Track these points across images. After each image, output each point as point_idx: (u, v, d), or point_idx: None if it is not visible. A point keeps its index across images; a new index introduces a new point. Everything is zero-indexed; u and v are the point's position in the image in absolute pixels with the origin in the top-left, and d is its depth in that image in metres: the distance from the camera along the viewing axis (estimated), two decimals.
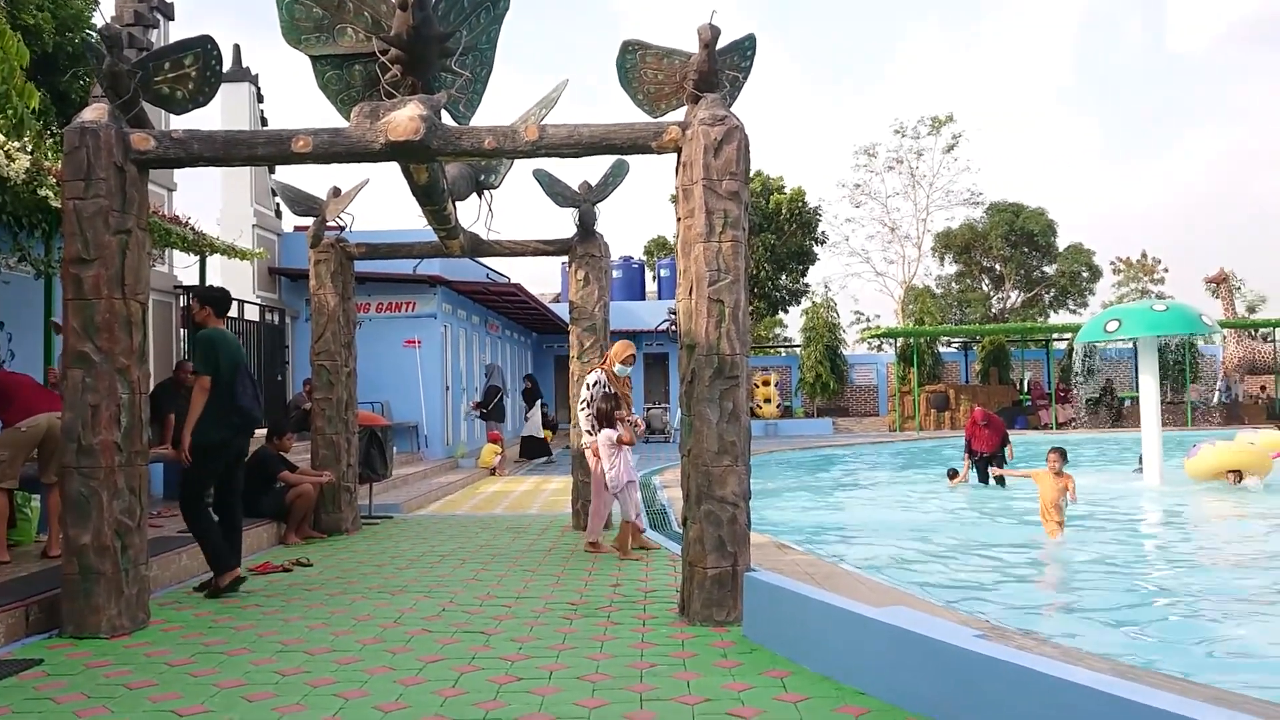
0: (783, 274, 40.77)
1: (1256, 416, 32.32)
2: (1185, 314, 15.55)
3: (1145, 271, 53.38)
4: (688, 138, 5.71)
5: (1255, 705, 4.23)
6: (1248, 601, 7.69)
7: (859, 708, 4.06)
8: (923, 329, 34.50)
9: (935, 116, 46.47)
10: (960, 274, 47.09)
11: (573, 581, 7.08)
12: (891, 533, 11.48)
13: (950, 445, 22.63)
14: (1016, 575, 8.91)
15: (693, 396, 5.70)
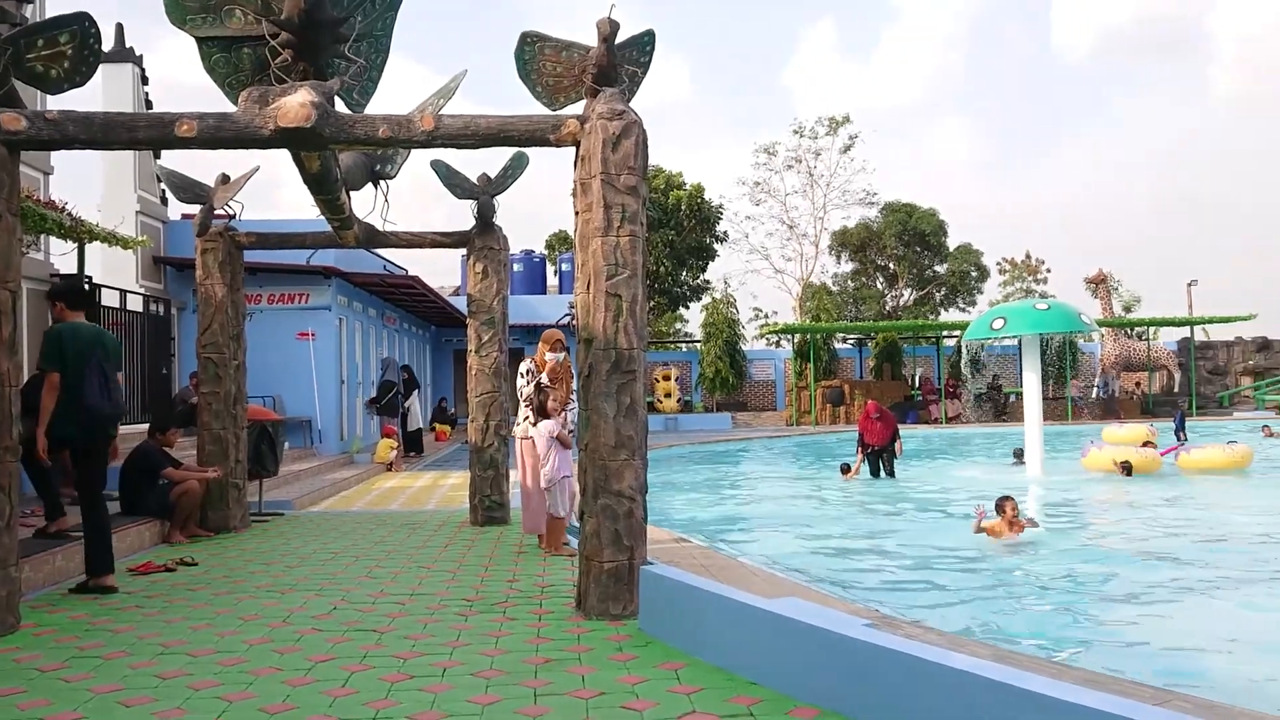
0: (683, 270, 41.06)
1: (1131, 411, 33.86)
2: (1066, 313, 16.19)
3: (1029, 272, 55.41)
4: (586, 131, 5.70)
5: (1123, 685, 4.43)
6: (1120, 587, 8.05)
7: (751, 698, 4.12)
8: (819, 325, 35.18)
9: (833, 118, 47.41)
10: (856, 272, 48.14)
11: (469, 578, 7.00)
12: (787, 525, 11.68)
13: (846, 439, 23.12)
14: (907, 566, 9.15)
15: (590, 391, 5.70)
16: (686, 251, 40.08)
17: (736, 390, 35.72)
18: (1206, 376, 39.29)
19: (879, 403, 17.48)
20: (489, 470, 9.83)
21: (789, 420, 34.15)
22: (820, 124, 47.44)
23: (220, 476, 9.37)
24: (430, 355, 31.64)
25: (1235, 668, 5.75)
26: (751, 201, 48.35)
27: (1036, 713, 3.30)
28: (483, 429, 9.90)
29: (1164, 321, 37.23)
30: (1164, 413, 32.35)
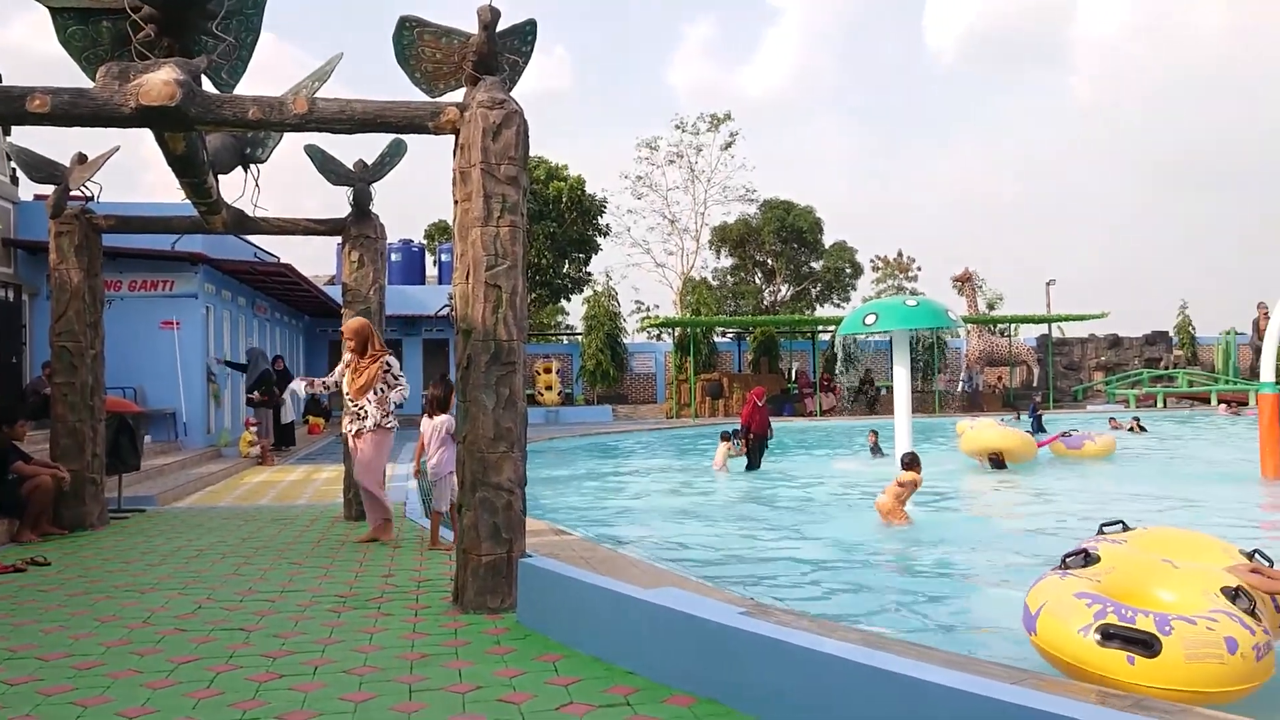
0: (565, 262, 40.97)
1: (994, 404, 35.40)
2: (934, 309, 16.82)
3: (901, 269, 57.25)
4: (466, 120, 5.62)
5: (982, 665, 4.64)
6: (986, 572, 8.42)
7: (628, 687, 4.15)
8: (699, 319, 35.63)
9: (714, 114, 47.99)
10: (735, 267, 48.87)
11: (342, 573, 6.84)
12: (667, 517, 11.81)
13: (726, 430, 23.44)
14: (783, 555, 9.35)
15: (469, 382, 5.64)
16: (568, 244, 40.01)
17: (617, 383, 35.92)
18: (1063, 371, 41.40)
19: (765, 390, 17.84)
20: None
21: (669, 413, 34.50)
22: (702, 120, 47.99)
23: (66, 478, 8.85)
24: (304, 346, 30.76)
25: None
26: (634, 195, 48.65)
27: (900, 693, 3.43)
28: None
29: (1024, 319, 39.03)
30: (1024, 406, 33.91)
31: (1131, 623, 4.68)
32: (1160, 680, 4.54)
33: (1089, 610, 4.82)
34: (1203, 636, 4.54)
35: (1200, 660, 4.48)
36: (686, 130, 47.91)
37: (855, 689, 3.56)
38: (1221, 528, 7.08)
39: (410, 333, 33.01)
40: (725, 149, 48.06)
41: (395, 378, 8.42)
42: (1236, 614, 4.69)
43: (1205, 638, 4.54)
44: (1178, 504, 12.35)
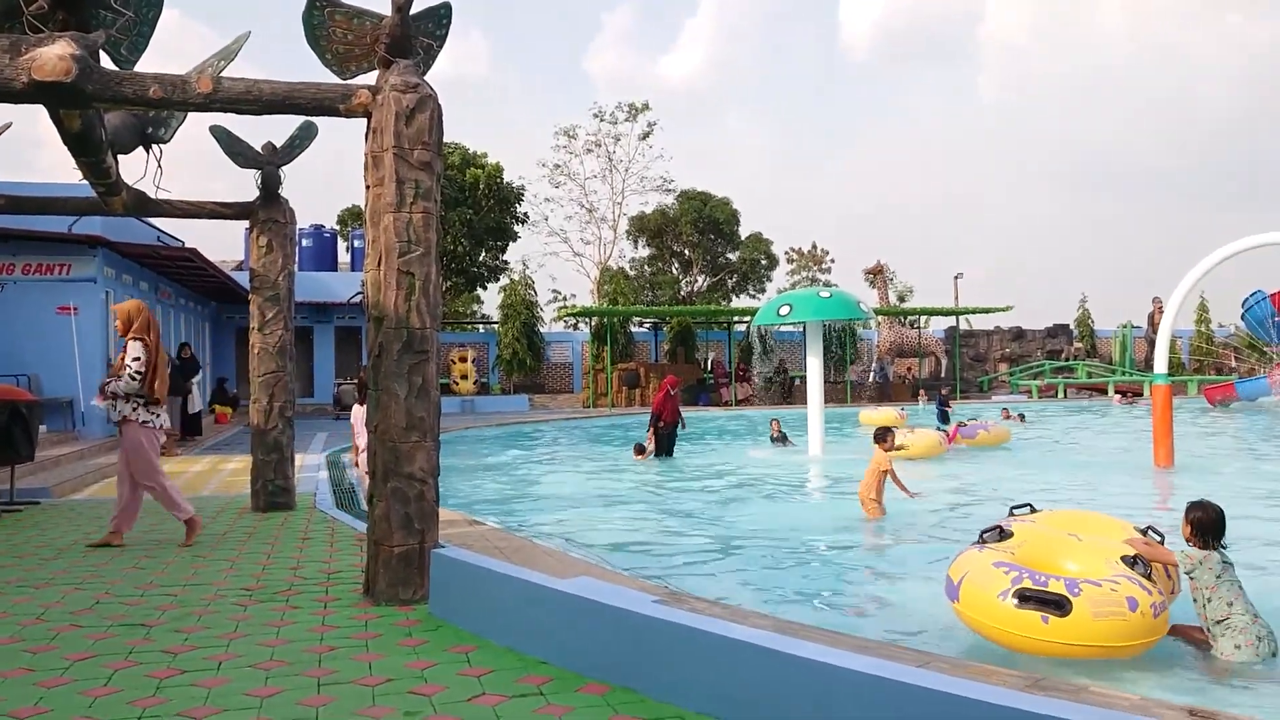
0: (481, 250, 40.57)
1: (903, 394, 36.21)
2: (846, 301, 17.11)
3: (815, 261, 58.10)
4: (378, 103, 5.52)
5: (890, 650, 4.74)
6: (896, 558, 8.60)
7: (541, 677, 4.14)
8: (616, 309, 35.66)
9: (632, 104, 48.01)
10: (652, 257, 48.99)
11: (249, 566, 6.68)
12: (583, 506, 11.80)
13: (643, 421, 23.54)
14: (698, 543, 9.42)
15: (380, 371, 5.54)
16: (485, 231, 39.61)
17: (534, 372, 35.75)
18: (969, 363, 42.53)
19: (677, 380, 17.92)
20: (272, 453, 9.40)
21: (586, 402, 34.48)
22: (620, 110, 47.96)
23: None
24: (210, 333, 29.91)
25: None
26: (551, 184, 48.37)
27: (809, 678, 3.49)
28: (266, 410, 9.46)
29: (933, 311, 39.97)
30: (932, 396, 34.75)
31: (1045, 586, 5.07)
32: (1071, 637, 4.95)
33: (1006, 577, 5.21)
34: (1108, 597, 4.98)
35: (1106, 618, 4.89)
36: (605, 119, 47.88)
37: (766, 675, 3.61)
38: (1118, 511, 7.43)
39: (322, 320, 32.36)
40: (643, 139, 48.17)
41: (128, 365, 7.33)
42: (1135, 578, 5.13)
43: (1110, 598, 4.97)
44: (1078, 490, 12.79)
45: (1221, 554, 5.37)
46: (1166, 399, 14.74)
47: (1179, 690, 4.84)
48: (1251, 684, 5.00)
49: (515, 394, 34.58)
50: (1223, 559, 5.37)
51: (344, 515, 9.01)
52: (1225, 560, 5.36)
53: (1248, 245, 14.26)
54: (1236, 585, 5.32)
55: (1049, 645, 5.02)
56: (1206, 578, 5.32)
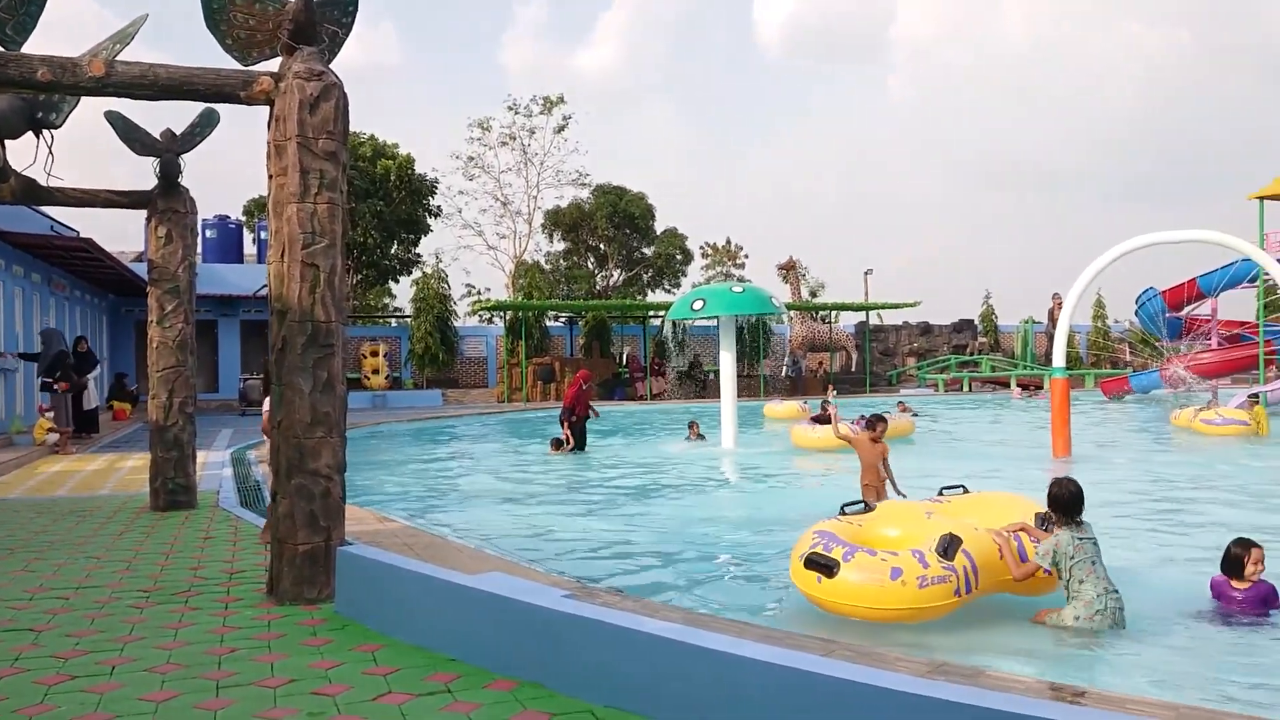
0: (393, 242, 39.93)
1: (815, 388, 36.79)
2: (759, 296, 17.30)
3: (729, 257, 58.60)
4: (281, 91, 5.38)
5: (797, 639, 4.82)
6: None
7: (449, 674, 4.10)
8: (531, 303, 35.46)
9: (547, 97, 47.72)
10: (568, 251, 48.81)
11: (146, 567, 6.47)
12: (497, 502, 11.71)
13: (557, 416, 23.48)
14: (612, 537, 9.42)
15: (284, 365, 5.41)
16: (396, 224, 38.99)
17: (448, 367, 35.35)
18: (879, 357, 43.43)
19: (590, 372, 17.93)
20: (173, 451, 9.12)
21: (500, 397, 34.23)
22: (535, 102, 47.65)
23: None
24: (108, 326, 28.88)
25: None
26: (465, 176, 47.80)
27: (717, 669, 3.52)
28: (165, 406, 9.16)
29: (844, 306, 40.69)
30: (843, 389, 35.43)
31: (829, 552, 5.76)
32: (832, 595, 5.68)
33: (809, 543, 5.93)
34: (874, 564, 5.62)
35: (864, 582, 5.57)
36: (519, 112, 47.51)
37: (675, 667, 3.63)
38: None
39: (227, 313, 31.49)
40: (558, 132, 47.92)
41: None
42: (926, 554, 5.64)
43: (875, 566, 5.61)
44: (979, 479, 13.14)
45: (1074, 531, 5.66)
46: (1064, 392, 15.26)
47: (1072, 671, 5.02)
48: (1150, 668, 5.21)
49: (428, 389, 34.15)
50: (1075, 537, 5.65)
51: (248, 513, 8.79)
52: (1079, 537, 5.65)
53: (1140, 244, 14.85)
54: (1089, 561, 5.62)
55: (824, 601, 5.73)
56: (1063, 559, 5.63)
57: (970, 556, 5.74)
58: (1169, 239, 14.79)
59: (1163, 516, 9.99)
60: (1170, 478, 12.93)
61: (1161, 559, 7.89)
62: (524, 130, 47.67)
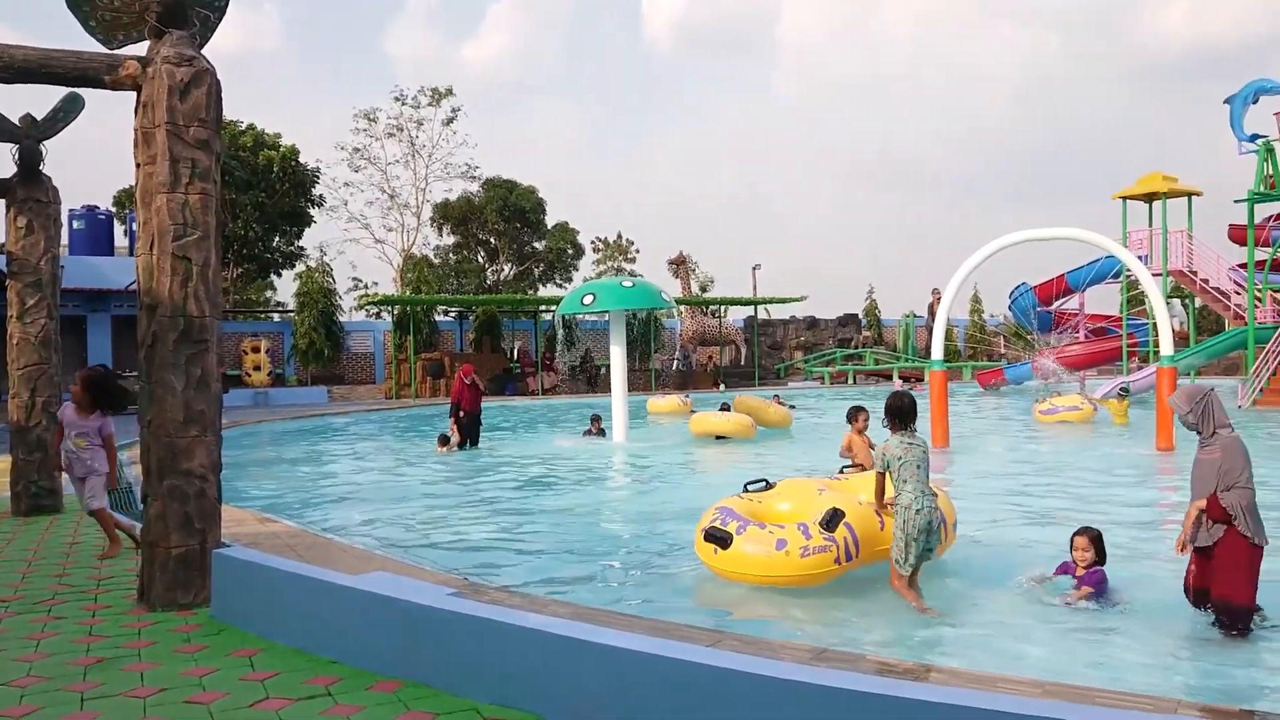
0: (275, 235, 38.77)
1: (705, 382, 37.22)
2: (649, 291, 17.39)
3: (620, 251, 58.77)
4: (149, 76, 5.16)
5: (684, 631, 4.86)
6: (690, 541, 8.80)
7: (331, 677, 4.00)
8: (420, 298, 34.90)
9: (436, 88, 47.02)
10: (458, 245, 48.19)
11: (6, 575, 6.14)
12: (385, 499, 11.50)
13: (446, 411, 23.17)
14: (503, 532, 9.34)
15: (154, 362, 5.20)
16: (279, 216, 37.86)
17: (333, 363, 34.52)
18: (767, 351, 44.18)
19: (475, 367, 17.75)
20: (35, 453, 8.67)
21: (388, 393, 33.61)
22: (423, 94, 46.88)
23: None
24: None
25: (775, 609, 6.52)
26: (351, 168, 46.72)
27: (603, 662, 3.53)
28: (27, 406, 8.70)
29: (733, 301, 41.23)
30: (732, 382, 35.94)
31: (725, 526, 6.42)
32: (727, 564, 6.37)
33: (710, 518, 6.58)
34: (762, 536, 6.30)
35: (753, 553, 6.23)
36: (407, 103, 46.69)
37: (560, 661, 3.62)
38: None
39: (97, 309, 30.07)
40: (447, 124, 47.31)
41: None
42: (810, 527, 6.25)
43: (763, 537, 6.29)
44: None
45: (904, 438, 6.19)
46: (943, 384, 15.79)
47: (954, 654, 5.20)
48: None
49: (313, 385, 33.28)
50: (904, 442, 6.16)
51: (119, 517, 8.41)
52: (907, 442, 6.17)
53: (1012, 241, 15.46)
54: (914, 465, 6.12)
55: (721, 570, 6.43)
56: (893, 460, 6.15)
57: (852, 529, 6.30)
58: (1039, 236, 15.45)
59: (1024, 500, 10.44)
60: (1042, 464, 13.51)
61: (1027, 540, 8.22)
62: (411, 122, 46.93)
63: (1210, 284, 28.91)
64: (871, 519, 6.43)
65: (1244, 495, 5.31)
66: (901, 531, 6.03)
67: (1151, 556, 7.44)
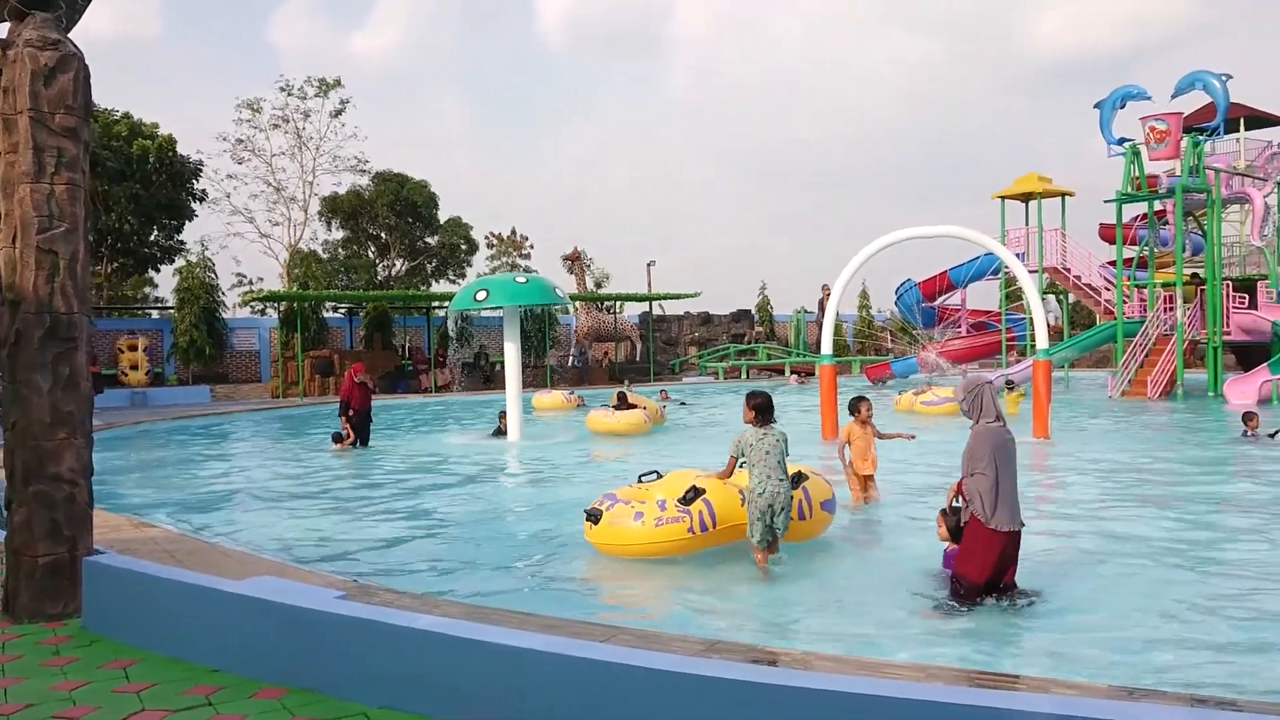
0: (153, 229, 37.24)
1: (601, 378, 37.26)
2: (543, 286, 17.31)
3: (515, 247, 58.31)
4: (10, 59, 4.89)
5: (576, 627, 4.85)
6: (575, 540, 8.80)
7: (212, 686, 3.87)
8: (307, 294, 34.01)
9: (323, 79, 45.82)
10: (347, 240, 47.04)
11: None
12: (273, 501, 11.18)
13: (335, 410, 22.64)
14: (398, 532, 9.17)
15: (18, 361, 4.94)
16: (157, 208, 36.35)
17: (216, 361, 33.38)
18: (662, 346, 44.46)
19: (364, 365, 17.41)
20: None
21: (275, 392, 32.67)
22: (310, 84, 45.65)
23: None
24: None
25: (667, 604, 6.57)
26: (234, 160, 45.19)
27: (496, 661, 3.50)
28: None
29: (628, 297, 41.35)
30: (628, 378, 36.04)
31: (601, 505, 7.29)
32: (598, 537, 7.27)
33: (596, 502, 7.42)
34: (622, 511, 7.16)
35: (614, 525, 7.12)
36: (293, 94, 45.39)
37: (452, 662, 3.58)
38: None
39: None
40: (335, 116, 46.15)
41: None
42: (668, 502, 7.11)
43: (623, 512, 7.15)
44: None
45: (758, 429, 6.90)
46: (832, 377, 16.15)
47: (849, 643, 5.32)
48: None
49: (195, 384, 32.12)
50: (758, 432, 6.88)
51: None
52: (761, 434, 6.88)
53: (898, 238, 15.90)
54: (763, 452, 6.83)
55: (595, 544, 7.33)
56: (746, 447, 6.88)
57: (710, 505, 7.12)
58: (922, 234, 15.92)
59: (902, 480, 10.77)
60: (923, 450, 13.93)
61: (901, 519, 8.48)
62: (298, 113, 45.64)
63: (1083, 280, 30.28)
64: (733, 498, 7.15)
65: (980, 482, 5.80)
66: (749, 511, 6.87)
67: None
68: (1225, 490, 10.88)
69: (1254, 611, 5.94)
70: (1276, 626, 5.65)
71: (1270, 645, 5.29)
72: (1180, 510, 9.51)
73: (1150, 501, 10.14)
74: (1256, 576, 6.79)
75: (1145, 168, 26.28)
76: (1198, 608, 6.00)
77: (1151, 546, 7.85)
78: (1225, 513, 9.42)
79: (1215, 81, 28.64)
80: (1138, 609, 5.97)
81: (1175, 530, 8.52)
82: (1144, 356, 24.88)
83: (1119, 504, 9.89)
